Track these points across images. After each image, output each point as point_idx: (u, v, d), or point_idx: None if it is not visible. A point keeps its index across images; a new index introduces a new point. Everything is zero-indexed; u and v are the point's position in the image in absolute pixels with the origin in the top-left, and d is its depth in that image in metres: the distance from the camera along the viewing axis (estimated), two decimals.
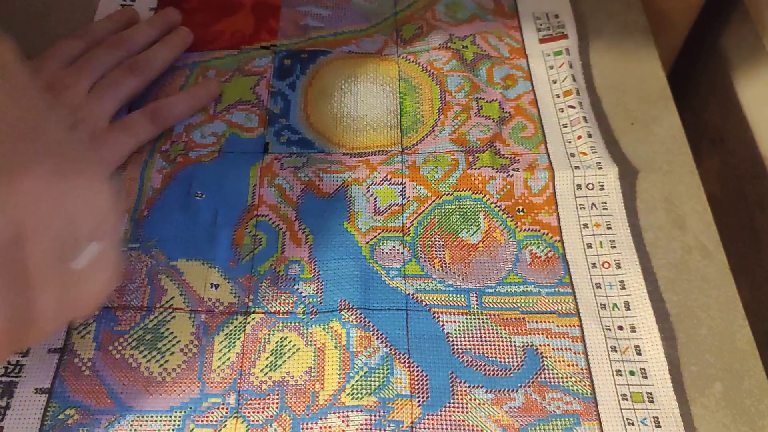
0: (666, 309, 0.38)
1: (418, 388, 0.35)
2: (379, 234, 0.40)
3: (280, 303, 0.37)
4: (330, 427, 0.34)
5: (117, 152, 0.41)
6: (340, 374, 0.35)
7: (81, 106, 0.40)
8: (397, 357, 0.36)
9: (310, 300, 0.37)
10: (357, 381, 0.35)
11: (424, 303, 0.37)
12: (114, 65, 0.44)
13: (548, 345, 0.36)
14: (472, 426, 0.34)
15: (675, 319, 0.38)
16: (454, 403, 0.34)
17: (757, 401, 0.36)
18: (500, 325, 0.37)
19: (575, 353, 0.36)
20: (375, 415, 0.34)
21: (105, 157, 0.40)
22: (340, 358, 0.36)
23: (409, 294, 0.38)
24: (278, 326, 0.37)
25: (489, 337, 0.36)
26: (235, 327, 0.36)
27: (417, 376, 0.35)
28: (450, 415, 0.34)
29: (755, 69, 0.53)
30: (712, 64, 0.59)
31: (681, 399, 0.35)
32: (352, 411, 0.34)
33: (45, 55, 0.43)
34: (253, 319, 0.37)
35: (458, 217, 0.41)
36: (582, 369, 0.36)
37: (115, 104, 0.42)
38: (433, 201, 0.41)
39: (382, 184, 0.41)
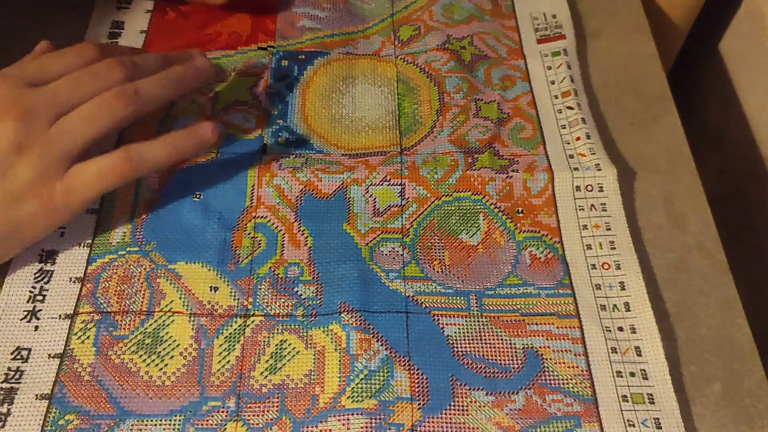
0: (666, 308, 0.38)
1: (419, 390, 0.35)
2: (378, 236, 0.40)
3: (279, 305, 0.37)
4: (330, 430, 0.33)
5: (78, 198, 0.35)
6: (340, 377, 0.35)
7: (37, 140, 0.34)
8: (398, 360, 0.36)
9: (310, 302, 0.37)
10: (357, 384, 0.35)
11: (424, 305, 0.37)
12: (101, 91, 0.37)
13: (548, 347, 0.36)
14: (473, 428, 0.34)
15: (675, 318, 0.38)
16: (454, 406, 0.34)
17: (756, 401, 0.36)
18: (500, 327, 0.37)
19: (575, 355, 0.36)
20: (375, 418, 0.34)
21: (60, 205, 0.35)
22: (340, 360, 0.35)
23: (408, 296, 0.38)
24: (278, 329, 0.36)
25: (489, 339, 0.36)
26: (235, 330, 0.36)
27: (417, 378, 0.35)
28: (450, 418, 0.34)
29: (755, 69, 0.53)
30: (713, 64, 0.59)
31: (681, 398, 0.35)
32: (352, 414, 0.34)
33: (16, 65, 0.37)
34: (253, 321, 0.37)
35: (458, 218, 0.40)
36: (582, 370, 0.36)
37: (86, 141, 0.36)
38: (433, 202, 0.41)
39: (382, 184, 0.41)
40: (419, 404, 0.34)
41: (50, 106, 0.35)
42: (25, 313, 0.36)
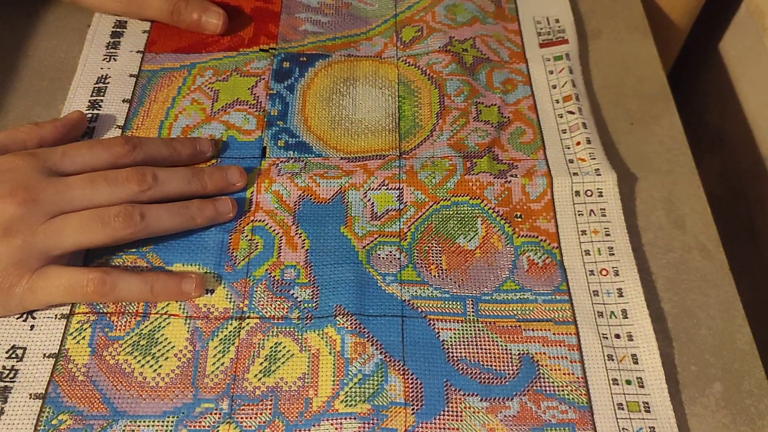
0: (666, 309, 0.38)
1: (413, 395, 0.35)
2: (375, 239, 0.40)
3: (275, 308, 0.37)
4: None
5: (37, 301, 0.35)
6: (334, 381, 0.35)
7: (26, 229, 0.34)
8: (392, 364, 0.35)
9: (306, 305, 0.37)
10: (351, 388, 0.35)
11: (419, 310, 0.37)
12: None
13: (544, 353, 0.36)
14: None
15: (675, 319, 0.38)
16: (448, 411, 0.34)
17: (756, 401, 0.36)
18: (496, 333, 0.37)
19: (571, 362, 0.36)
20: (368, 423, 0.34)
21: (15, 298, 0.34)
22: (334, 364, 0.35)
23: (404, 300, 0.37)
24: (273, 331, 0.36)
25: (484, 344, 0.36)
26: (230, 332, 0.36)
27: (411, 383, 0.35)
28: (444, 424, 0.34)
29: (755, 69, 0.53)
30: (712, 64, 0.58)
31: (680, 399, 0.35)
32: (345, 418, 0.34)
33: (50, 150, 0.37)
34: (248, 324, 0.37)
35: (456, 222, 0.40)
36: (578, 378, 0.35)
37: (73, 248, 0.35)
38: (431, 206, 0.41)
39: (380, 189, 0.41)
40: (413, 409, 0.34)
41: (56, 202, 0.35)
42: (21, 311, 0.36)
